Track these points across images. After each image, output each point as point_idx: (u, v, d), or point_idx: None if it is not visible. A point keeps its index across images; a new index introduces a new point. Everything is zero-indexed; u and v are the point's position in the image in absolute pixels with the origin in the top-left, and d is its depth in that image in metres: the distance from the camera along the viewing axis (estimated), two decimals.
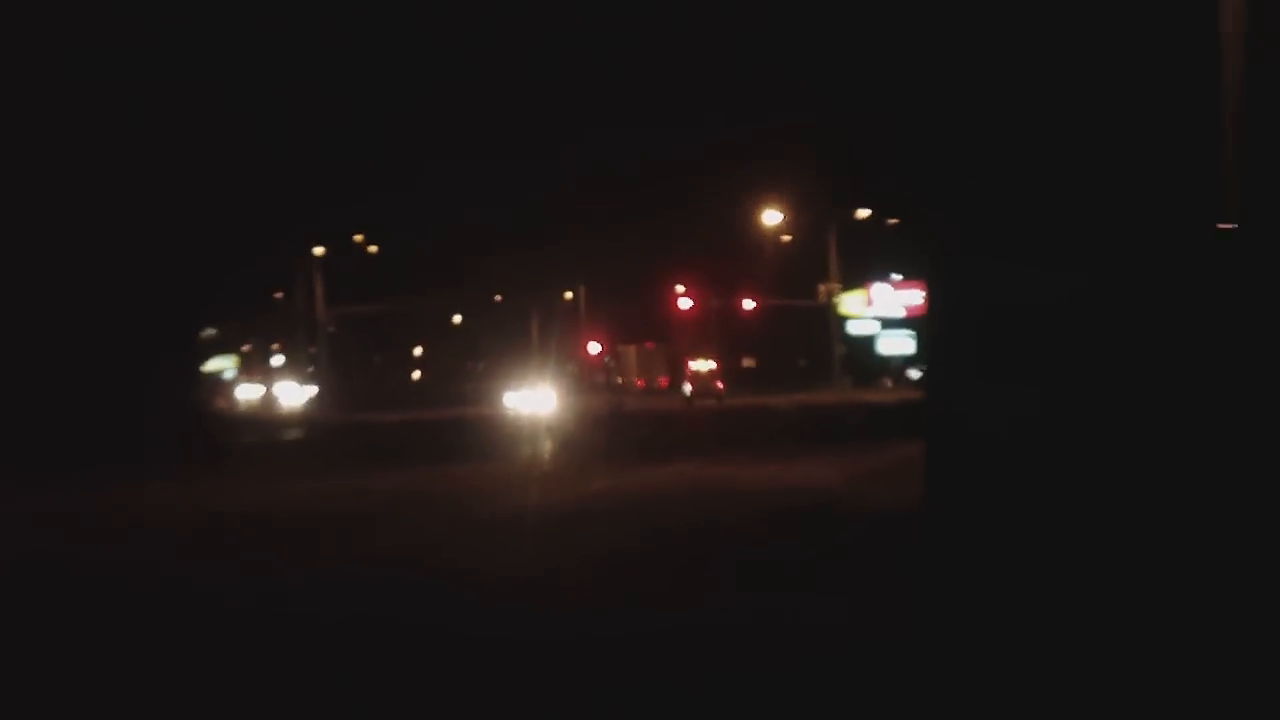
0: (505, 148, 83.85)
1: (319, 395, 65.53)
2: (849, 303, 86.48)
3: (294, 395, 64.23)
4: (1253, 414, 14.39)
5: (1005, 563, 14.42)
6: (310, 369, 67.73)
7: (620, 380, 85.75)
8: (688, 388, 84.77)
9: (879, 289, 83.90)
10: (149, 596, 17.36)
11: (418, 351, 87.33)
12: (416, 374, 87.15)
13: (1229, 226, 23.48)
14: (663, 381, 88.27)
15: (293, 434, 54.08)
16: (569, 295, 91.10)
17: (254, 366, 66.43)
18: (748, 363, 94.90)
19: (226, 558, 20.64)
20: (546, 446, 40.89)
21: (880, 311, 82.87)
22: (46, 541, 22.84)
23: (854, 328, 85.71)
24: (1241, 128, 23.25)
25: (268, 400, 63.64)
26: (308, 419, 59.58)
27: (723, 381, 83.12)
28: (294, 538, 22.52)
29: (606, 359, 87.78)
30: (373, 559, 19.54)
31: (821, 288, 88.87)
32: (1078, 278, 16.71)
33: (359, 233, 78.83)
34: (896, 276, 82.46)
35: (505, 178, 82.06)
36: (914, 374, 78.18)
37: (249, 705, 12.18)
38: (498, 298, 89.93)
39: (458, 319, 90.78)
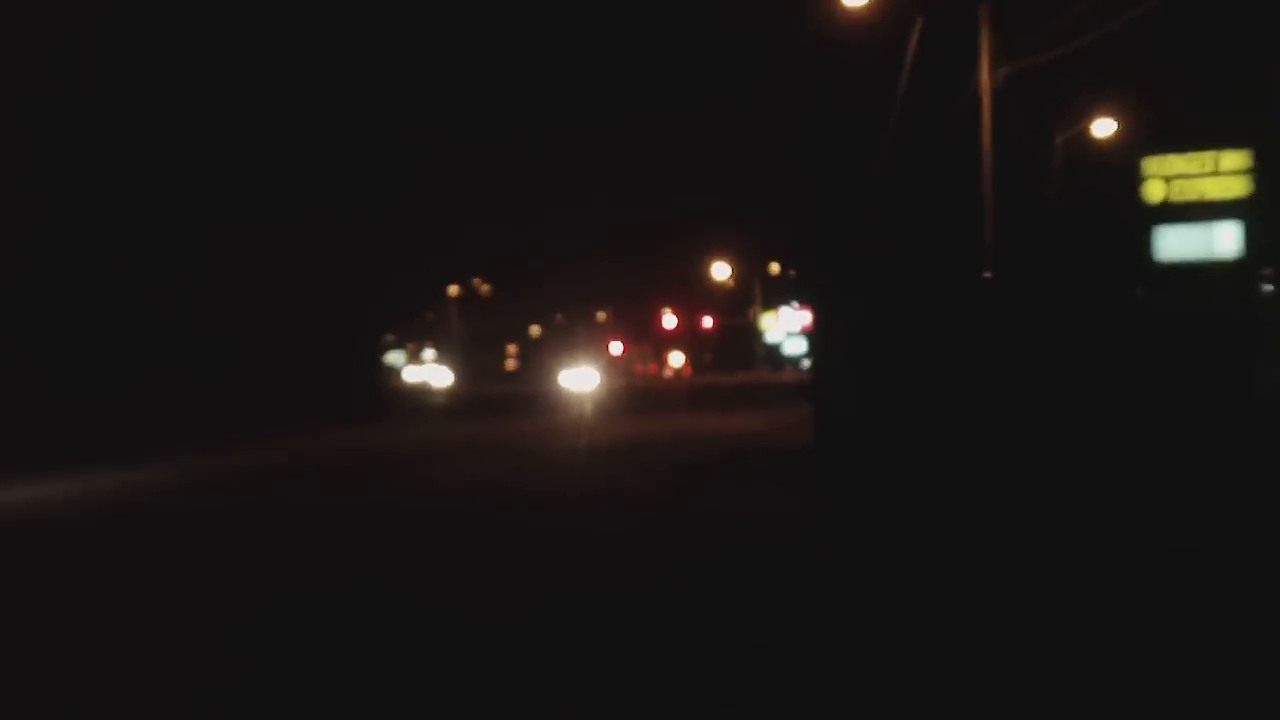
0: (567, 221, 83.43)
1: (454, 377, 65.49)
2: (767, 321, 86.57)
3: (439, 377, 63.93)
4: (996, 377, 14.60)
5: (858, 467, 14.71)
6: (449, 360, 67.86)
7: (629, 369, 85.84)
8: (668, 372, 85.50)
9: (784, 312, 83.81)
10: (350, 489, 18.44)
11: (512, 349, 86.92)
12: (510, 363, 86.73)
13: (988, 275, 23.93)
14: (653, 369, 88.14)
15: (438, 401, 53.96)
16: (601, 315, 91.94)
17: (415, 358, 66.35)
18: (708, 357, 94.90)
19: (398, 469, 21.45)
20: (589, 408, 40.68)
21: (785, 327, 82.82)
22: (302, 461, 24.04)
23: (769, 336, 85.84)
24: (994, 228, 23.72)
25: (424, 381, 63.27)
26: (447, 392, 59.10)
27: (689, 369, 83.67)
28: (430, 459, 23.13)
29: (624, 354, 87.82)
30: (476, 477, 19.64)
31: (750, 311, 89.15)
32: (896, 305, 16.75)
33: (479, 274, 79.91)
34: (795, 305, 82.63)
35: (565, 238, 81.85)
36: (805, 364, 78.44)
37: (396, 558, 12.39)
38: (558, 316, 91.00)
39: (534, 329, 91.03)
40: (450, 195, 63.41)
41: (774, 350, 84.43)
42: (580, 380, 54.48)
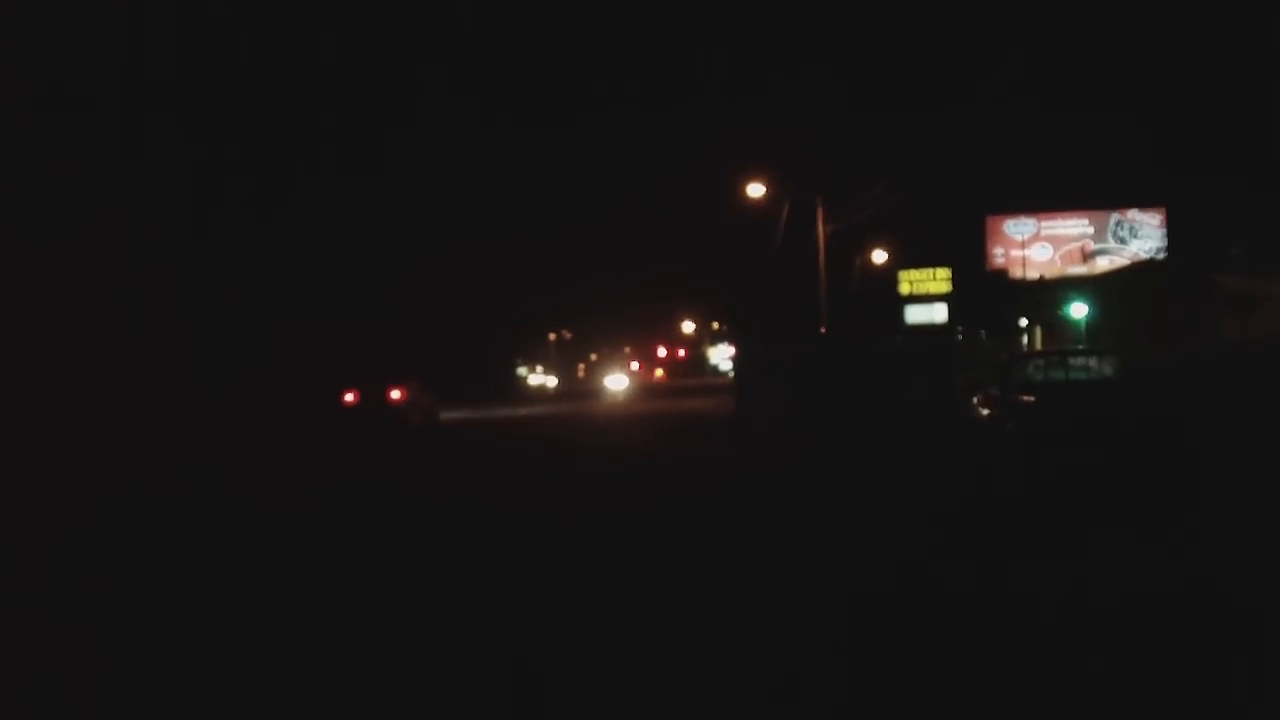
0: (606, 291, 79.54)
1: (556, 382, 63.68)
2: (712, 352, 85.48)
3: (550, 382, 62.06)
4: (824, 381, 14.93)
5: (758, 431, 14.92)
6: (551, 373, 66.26)
7: (640, 377, 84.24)
8: (654, 378, 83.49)
9: (721, 348, 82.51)
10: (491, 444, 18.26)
11: (581, 366, 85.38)
12: (581, 374, 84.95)
13: (823, 329, 24.24)
14: (650, 377, 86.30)
15: (547, 394, 51.37)
16: (627, 348, 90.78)
17: (532, 372, 64.39)
18: (679, 370, 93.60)
19: (520, 430, 21.26)
20: (621, 397, 40.01)
21: (721, 355, 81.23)
22: (467, 426, 23.50)
23: (713, 360, 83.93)
24: (826, 305, 23.97)
25: (542, 383, 61.06)
26: (552, 390, 57.38)
27: (666, 377, 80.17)
28: (530, 424, 23.06)
29: (639, 369, 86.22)
30: (549, 437, 19.08)
31: (704, 347, 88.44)
32: (775, 344, 16.91)
33: (564, 326, 77.27)
34: (726, 344, 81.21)
35: (605, 302, 78.24)
36: (730, 374, 76.86)
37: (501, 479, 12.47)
38: (604, 349, 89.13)
39: (593, 356, 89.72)
40: (546, 280, 61.42)
41: (716, 367, 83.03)
42: (617, 383, 53.71)
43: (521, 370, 64.56)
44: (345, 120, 34.23)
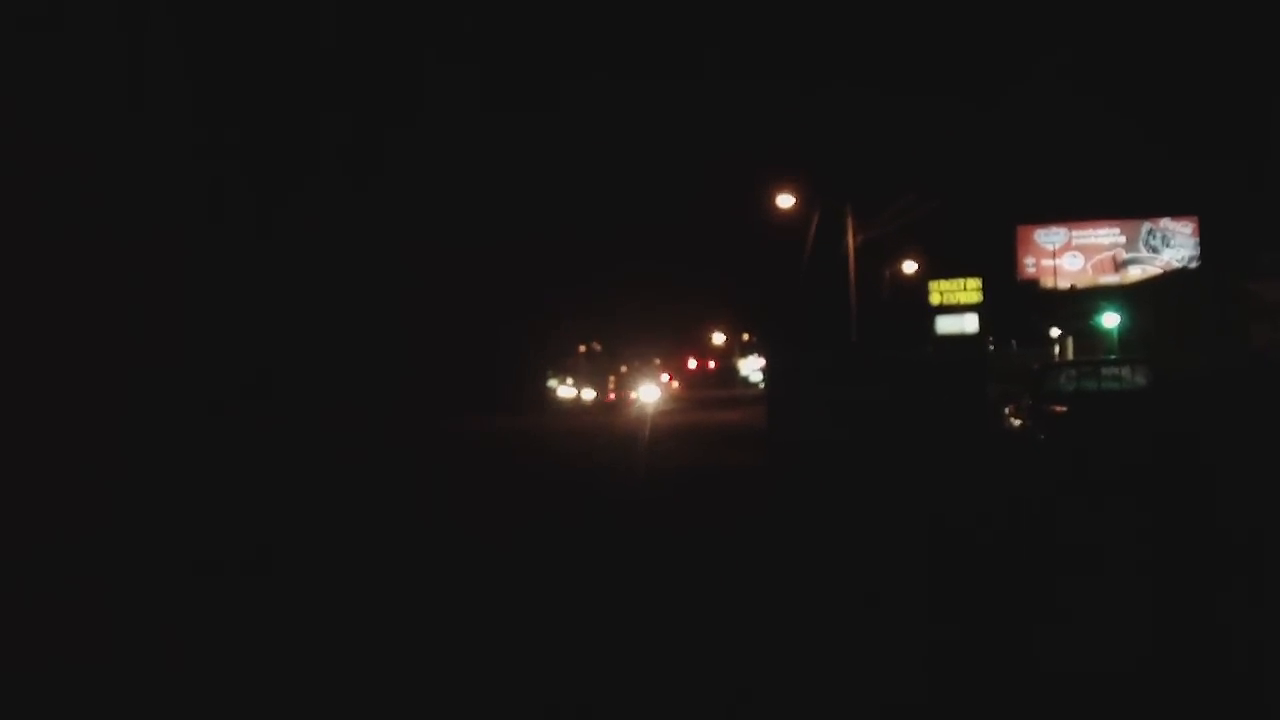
0: (638, 303, 78.57)
1: (594, 395, 62.44)
2: (742, 364, 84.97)
3: (585, 394, 61.16)
4: (855, 391, 14.95)
5: (790, 441, 14.72)
6: (584, 384, 65.70)
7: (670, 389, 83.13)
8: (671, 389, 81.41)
9: (751, 359, 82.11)
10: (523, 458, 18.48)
11: (612, 378, 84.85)
12: (612, 385, 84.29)
13: (854, 340, 24.23)
14: (675, 389, 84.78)
15: (578, 407, 49.94)
16: (657, 360, 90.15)
17: (563, 384, 63.74)
18: (706, 382, 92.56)
19: (551, 442, 21.42)
20: (651, 409, 39.96)
21: (752, 367, 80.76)
22: (487, 440, 23.33)
23: (743, 371, 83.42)
24: (855, 316, 24.01)
25: (573, 396, 60.39)
26: (583, 402, 57.42)
27: (683, 388, 78.35)
28: (562, 436, 23.09)
29: (669, 381, 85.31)
30: (587, 449, 19.79)
31: (734, 358, 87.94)
32: (806, 355, 16.93)
33: (594, 338, 77.09)
34: (756, 355, 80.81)
35: (635, 315, 77.53)
36: (761, 385, 75.79)
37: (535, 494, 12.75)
38: (635, 361, 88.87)
39: (624, 368, 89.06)
40: (577, 291, 60.92)
41: (746, 379, 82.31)
42: (648, 395, 53.50)
43: (552, 382, 64.22)
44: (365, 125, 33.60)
